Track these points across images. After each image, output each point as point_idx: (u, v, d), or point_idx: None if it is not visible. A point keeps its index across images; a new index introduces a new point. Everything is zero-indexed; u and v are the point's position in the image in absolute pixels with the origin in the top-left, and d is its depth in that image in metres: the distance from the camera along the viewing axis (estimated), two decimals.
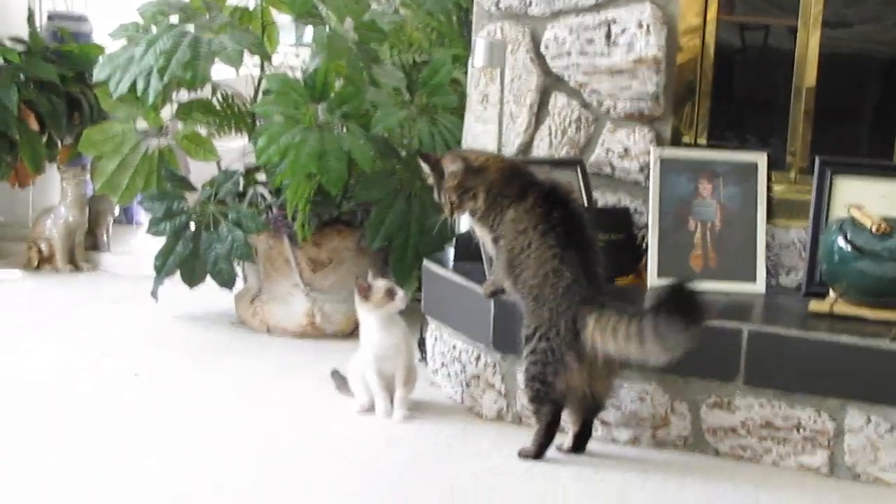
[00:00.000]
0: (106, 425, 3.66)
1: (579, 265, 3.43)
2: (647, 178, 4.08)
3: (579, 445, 3.55)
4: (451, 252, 4.20)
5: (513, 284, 3.53)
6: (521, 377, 3.61)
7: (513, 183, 3.54)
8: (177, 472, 3.28)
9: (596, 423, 3.61)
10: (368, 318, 3.83)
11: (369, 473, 3.34)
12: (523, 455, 3.50)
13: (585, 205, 4.08)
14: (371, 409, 3.83)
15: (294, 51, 6.29)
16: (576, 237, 3.47)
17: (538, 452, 3.48)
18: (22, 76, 5.66)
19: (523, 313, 3.50)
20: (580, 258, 3.44)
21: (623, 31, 4.13)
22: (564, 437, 3.54)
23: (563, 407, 3.49)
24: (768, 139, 4.24)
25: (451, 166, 3.54)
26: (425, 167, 3.62)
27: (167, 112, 5.15)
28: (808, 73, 4.10)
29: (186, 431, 3.62)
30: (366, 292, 3.81)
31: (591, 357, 3.38)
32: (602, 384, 3.47)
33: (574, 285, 3.40)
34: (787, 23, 4.17)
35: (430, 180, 3.62)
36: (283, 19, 5.26)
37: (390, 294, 3.80)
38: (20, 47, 5.81)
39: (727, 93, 4.32)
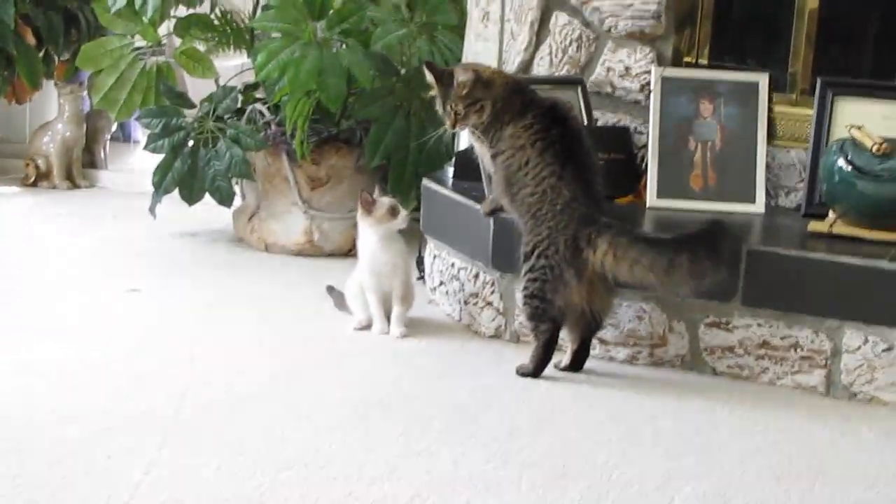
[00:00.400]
0: (107, 337, 3.67)
1: (578, 183, 3.43)
2: (648, 97, 4.06)
3: (577, 364, 3.57)
4: (450, 170, 4.19)
5: (511, 202, 3.52)
6: (519, 295, 3.61)
7: (514, 99, 3.53)
8: (174, 383, 3.29)
9: (594, 341, 3.62)
10: (368, 233, 3.83)
11: (367, 388, 3.35)
12: (521, 372, 3.51)
13: (585, 123, 4.07)
14: (368, 326, 3.84)
15: None
16: (574, 155, 3.46)
17: (536, 370, 3.50)
18: None
19: (522, 231, 3.49)
20: (579, 176, 3.44)
21: None
22: (562, 356, 3.55)
23: (562, 325, 3.49)
24: (770, 61, 4.21)
25: (461, 76, 3.52)
26: (430, 77, 3.59)
27: (165, 28, 5.12)
28: None
29: (185, 343, 3.63)
30: (369, 207, 3.80)
31: (590, 275, 3.39)
32: (601, 302, 3.48)
33: (573, 202, 3.40)
34: None
35: (433, 92, 3.60)
36: None
37: (393, 212, 3.79)
38: None
39: (729, 14, 4.29)
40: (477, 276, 3.90)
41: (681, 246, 3.30)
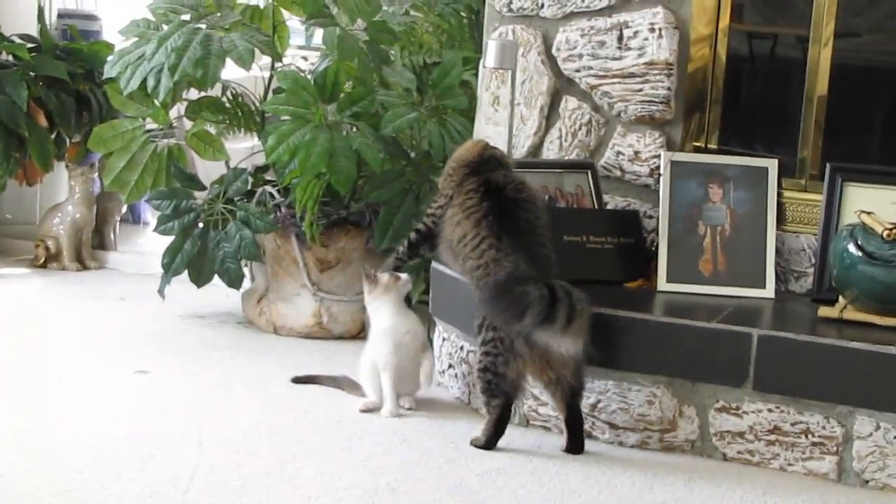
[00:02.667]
0: (112, 421, 3.66)
1: (519, 253, 3.46)
2: (658, 181, 4.07)
3: (574, 439, 3.55)
4: None
5: (462, 273, 3.60)
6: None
7: (460, 176, 3.64)
8: (182, 464, 3.28)
9: (603, 426, 3.61)
10: (382, 304, 3.85)
11: (375, 471, 3.33)
12: (474, 444, 3.55)
13: (595, 207, 4.08)
14: (377, 408, 3.82)
15: (302, 53, 6.31)
16: (511, 225, 3.51)
17: (488, 443, 3.53)
18: (32, 73, 5.66)
19: None
20: (519, 245, 3.47)
21: (635, 34, 4.12)
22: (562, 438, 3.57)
23: (514, 399, 3.52)
24: (779, 146, 4.23)
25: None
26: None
27: (176, 111, 5.16)
28: (819, 81, 4.09)
29: (193, 425, 3.61)
30: (374, 279, 3.84)
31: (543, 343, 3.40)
32: (564, 366, 3.46)
33: (515, 273, 3.42)
34: (798, 32, 4.17)
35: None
36: (292, 22, 5.26)
37: (396, 277, 3.85)
38: (30, 45, 5.81)
39: (738, 100, 4.31)
40: None
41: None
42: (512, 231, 3.50)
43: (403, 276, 3.87)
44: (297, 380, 4.11)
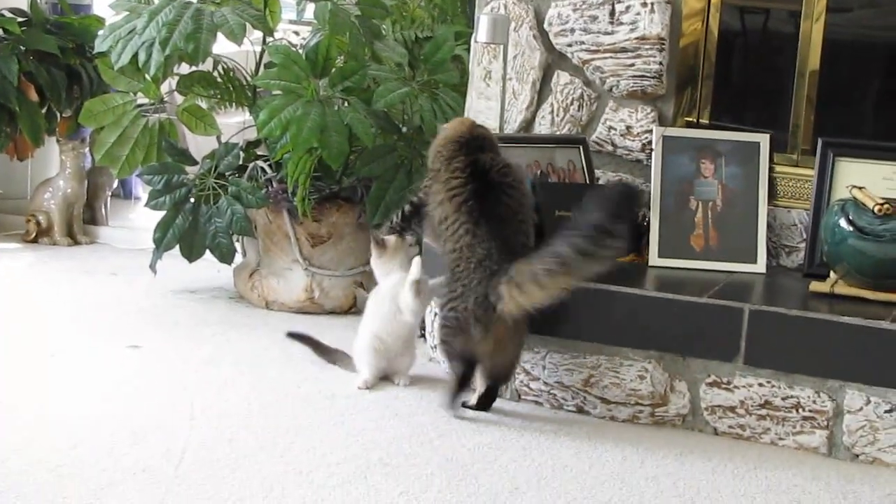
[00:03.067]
0: (104, 396, 3.66)
1: (493, 240, 3.50)
2: (650, 156, 4.07)
3: (483, 405, 3.67)
4: None
5: (442, 252, 3.65)
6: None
7: (449, 153, 3.67)
8: (174, 439, 3.28)
9: (595, 401, 3.62)
10: (392, 268, 3.89)
11: (367, 446, 3.34)
12: (440, 403, 3.66)
13: (587, 182, 4.08)
14: (374, 386, 3.83)
15: (294, 28, 6.29)
16: (491, 210, 3.54)
17: (450, 402, 3.63)
18: (22, 48, 5.63)
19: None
20: (495, 233, 3.51)
21: (627, 8, 4.12)
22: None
23: (475, 363, 3.59)
24: (771, 121, 4.23)
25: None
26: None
27: (168, 85, 5.14)
28: (811, 56, 4.09)
29: (185, 400, 3.62)
30: (382, 243, 3.88)
31: (499, 332, 3.49)
32: (504, 357, 3.58)
33: (486, 261, 3.49)
34: (790, 7, 4.17)
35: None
36: None
37: (402, 238, 3.90)
38: (20, 19, 5.78)
39: (730, 75, 4.31)
40: None
41: (557, 242, 3.38)
42: (491, 217, 3.53)
43: (409, 237, 3.90)
44: (292, 335, 4.12)
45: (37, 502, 2.85)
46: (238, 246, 4.91)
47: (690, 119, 4.21)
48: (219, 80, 4.96)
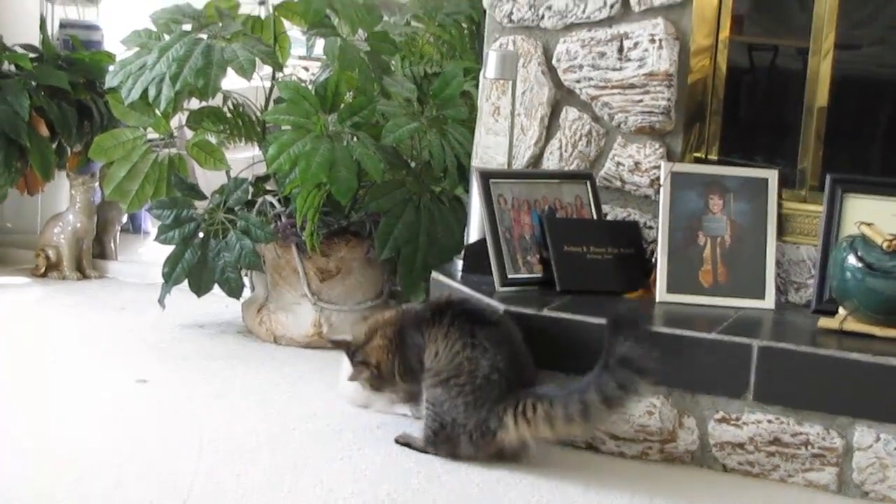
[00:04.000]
0: (112, 430, 3.66)
1: (496, 349, 3.47)
2: (658, 192, 4.07)
3: None
4: (459, 263, 4.19)
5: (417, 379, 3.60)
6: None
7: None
8: (182, 473, 3.28)
9: (603, 436, 3.62)
10: None
11: (376, 482, 3.33)
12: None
13: (595, 218, 4.09)
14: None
15: (303, 64, 6.31)
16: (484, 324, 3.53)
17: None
18: (33, 83, 5.66)
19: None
20: (496, 343, 3.48)
21: (635, 45, 4.13)
22: None
23: None
24: (779, 157, 4.23)
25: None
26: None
27: (177, 120, 5.16)
28: (819, 92, 4.09)
29: (193, 434, 3.61)
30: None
31: (490, 449, 3.48)
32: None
33: (493, 375, 3.45)
34: (798, 44, 4.17)
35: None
36: (293, 32, 5.27)
37: None
38: (32, 54, 5.82)
39: (738, 111, 4.32)
40: None
41: (585, 386, 3.34)
42: (485, 328, 3.52)
43: None
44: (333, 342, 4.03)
45: None
46: (247, 280, 4.92)
47: (699, 155, 4.21)
48: (228, 115, 4.98)
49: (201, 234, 4.76)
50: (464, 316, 3.52)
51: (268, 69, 5.01)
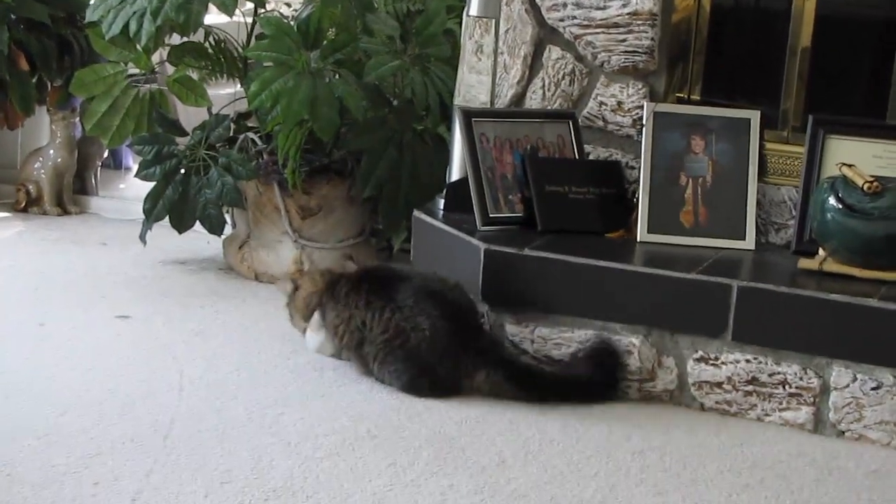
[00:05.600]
0: (93, 366, 3.66)
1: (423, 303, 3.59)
2: (640, 132, 4.07)
3: None
4: (441, 202, 4.19)
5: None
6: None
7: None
8: (163, 409, 3.29)
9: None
10: None
11: (355, 418, 3.35)
12: None
13: (577, 157, 4.09)
14: None
15: (285, 0, 6.27)
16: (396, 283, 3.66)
17: None
18: (12, 16, 5.61)
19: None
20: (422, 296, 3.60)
21: None
22: None
23: None
24: (762, 98, 4.22)
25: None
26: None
27: (159, 56, 5.12)
28: (803, 32, 4.08)
29: (174, 370, 3.63)
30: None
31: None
32: None
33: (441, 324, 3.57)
34: None
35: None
36: None
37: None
38: None
39: (721, 51, 4.30)
40: None
41: (553, 389, 3.55)
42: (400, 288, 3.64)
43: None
44: None
45: (24, 469, 2.86)
46: (228, 217, 4.91)
47: (681, 95, 4.20)
48: (210, 51, 4.94)
49: (182, 171, 4.74)
50: (377, 283, 3.67)
51: (250, 5, 4.97)
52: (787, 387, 3.49)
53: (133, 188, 5.70)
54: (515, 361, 3.60)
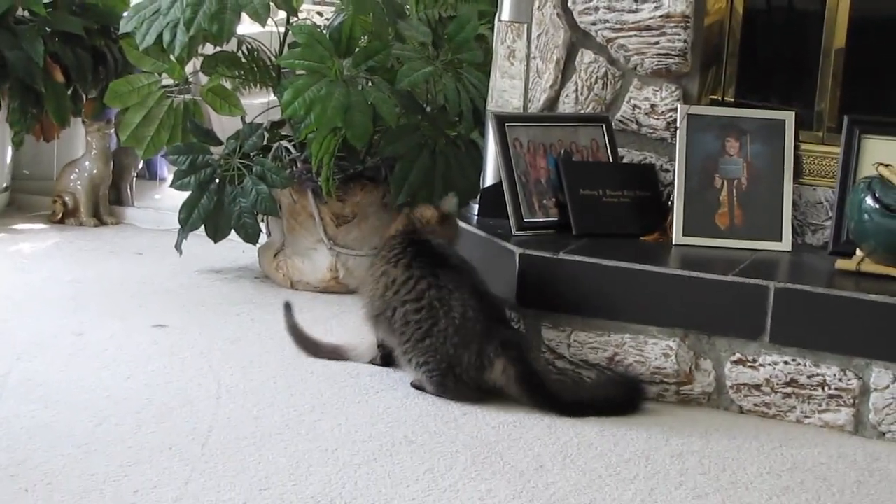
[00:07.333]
0: (131, 375, 3.67)
1: (461, 289, 3.56)
2: (674, 135, 4.06)
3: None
4: (475, 207, 4.20)
5: (389, 325, 3.68)
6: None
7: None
8: (200, 417, 3.30)
9: None
10: None
11: (392, 424, 3.35)
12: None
13: (611, 161, 4.08)
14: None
15: (317, 8, 6.29)
16: (446, 262, 3.65)
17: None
18: (48, 29, 5.65)
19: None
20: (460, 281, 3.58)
21: None
22: None
23: None
24: (796, 98, 4.21)
25: None
26: None
27: (192, 66, 5.15)
28: (837, 33, 4.07)
29: (211, 379, 3.63)
30: None
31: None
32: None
33: (469, 314, 3.54)
34: None
35: None
36: None
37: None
38: (46, 0, 5.80)
39: (755, 52, 4.29)
40: None
41: (554, 403, 3.50)
42: (447, 266, 3.62)
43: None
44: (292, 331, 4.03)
45: (63, 478, 2.87)
46: (263, 226, 4.92)
47: (715, 97, 4.19)
48: (243, 60, 4.97)
49: (217, 180, 4.76)
50: (426, 252, 3.65)
51: (282, 14, 4.99)
52: (826, 388, 3.47)
53: (168, 198, 5.73)
54: (531, 364, 3.56)
